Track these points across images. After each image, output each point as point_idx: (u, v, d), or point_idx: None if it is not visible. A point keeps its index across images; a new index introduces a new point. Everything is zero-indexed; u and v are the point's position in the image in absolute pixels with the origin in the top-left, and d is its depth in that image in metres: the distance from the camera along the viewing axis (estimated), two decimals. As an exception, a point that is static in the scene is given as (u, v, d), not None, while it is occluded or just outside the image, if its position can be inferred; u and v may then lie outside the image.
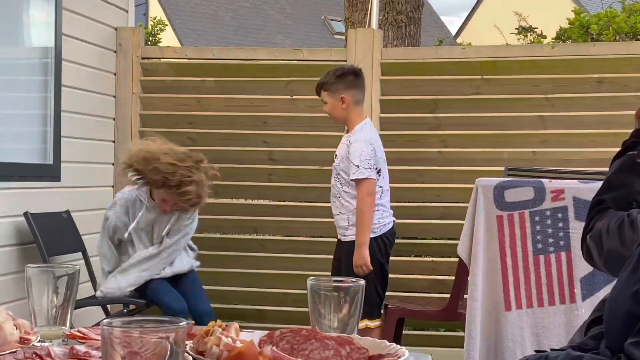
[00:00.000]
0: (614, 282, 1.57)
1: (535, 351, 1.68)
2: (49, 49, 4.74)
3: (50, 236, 4.46)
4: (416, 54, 5.62)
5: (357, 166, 4.08)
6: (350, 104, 4.22)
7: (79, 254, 4.82)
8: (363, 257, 4.04)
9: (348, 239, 4.17)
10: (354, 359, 1.27)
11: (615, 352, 1.44)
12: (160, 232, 4.38)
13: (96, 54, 5.21)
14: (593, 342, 1.69)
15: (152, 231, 4.40)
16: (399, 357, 1.25)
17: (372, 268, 4.05)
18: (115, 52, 5.42)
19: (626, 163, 1.92)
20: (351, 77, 4.26)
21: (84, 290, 4.59)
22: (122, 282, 4.29)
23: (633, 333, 1.37)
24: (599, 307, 1.82)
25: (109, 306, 4.77)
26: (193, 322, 4.24)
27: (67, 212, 4.78)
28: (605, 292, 3.25)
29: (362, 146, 4.12)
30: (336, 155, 4.27)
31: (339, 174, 4.21)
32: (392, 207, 4.82)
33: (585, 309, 3.34)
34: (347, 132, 4.30)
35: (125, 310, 4.70)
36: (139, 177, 4.23)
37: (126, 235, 4.32)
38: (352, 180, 4.10)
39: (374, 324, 4.14)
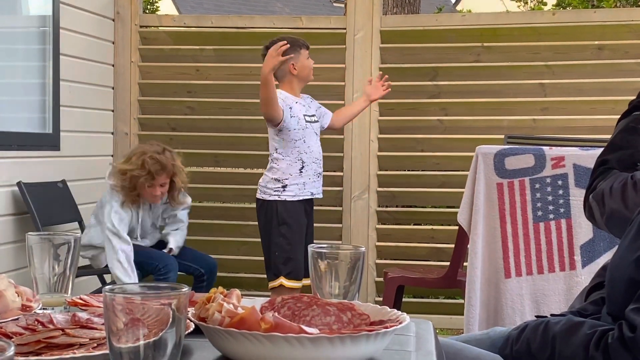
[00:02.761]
0: (614, 249, 1.57)
1: (536, 316, 1.69)
2: (46, 17, 4.71)
3: (45, 206, 4.45)
4: (416, 21, 5.59)
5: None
6: None
7: (75, 224, 4.82)
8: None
9: None
10: (355, 325, 1.28)
11: (616, 318, 1.44)
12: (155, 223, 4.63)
13: (94, 22, 5.18)
14: (593, 307, 1.70)
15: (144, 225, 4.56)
16: (400, 323, 1.25)
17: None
18: (113, 20, 5.39)
19: (631, 123, 1.90)
20: None
21: (81, 260, 4.60)
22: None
23: (634, 299, 1.38)
24: (599, 274, 1.82)
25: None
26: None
27: (64, 181, 4.77)
28: (605, 259, 3.25)
29: None
30: (314, 115, 4.41)
31: (321, 132, 4.48)
32: (392, 175, 4.83)
33: (585, 276, 3.34)
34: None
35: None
36: (120, 188, 4.36)
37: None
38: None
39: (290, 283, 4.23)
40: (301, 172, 4.24)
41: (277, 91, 4.23)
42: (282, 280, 4.20)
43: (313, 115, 4.37)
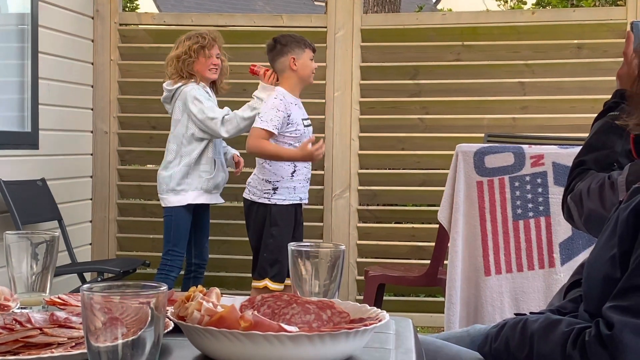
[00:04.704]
0: (593, 247, 1.58)
1: (515, 314, 1.70)
2: (25, 15, 4.67)
3: (24, 204, 4.42)
4: (396, 20, 5.60)
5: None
6: None
7: (55, 223, 4.79)
8: None
9: None
10: (335, 323, 1.28)
11: (593, 315, 1.45)
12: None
13: (73, 20, 5.15)
14: (572, 305, 1.71)
15: None
16: (380, 321, 1.25)
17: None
18: (92, 18, 5.36)
19: (607, 124, 1.92)
20: None
21: (61, 258, 4.58)
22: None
23: (611, 297, 1.39)
24: (577, 271, 1.84)
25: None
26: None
27: (43, 180, 4.74)
28: (583, 256, 3.27)
29: None
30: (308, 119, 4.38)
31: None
32: (373, 174, 4.84)
33: (564, 274, 3.37)
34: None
35: (100, 279, 4.70)
36: (182, 75, 4.43)
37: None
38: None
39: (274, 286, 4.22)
40: (292, 175, 4.24)
41: (277, 89, 4.22)
42: (267, 282, 4.19)
43: (308, 119, 4.35)
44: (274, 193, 4.21)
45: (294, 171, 4.22)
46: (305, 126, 4.26)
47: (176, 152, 4.42)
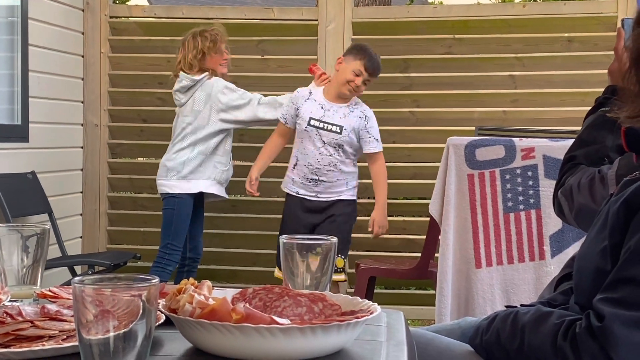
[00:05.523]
0: (583, 239, 1.59)
1: (506, 306, 1.70)
2: (14, 7, 4.65)
3: (15, 197, 4.41)
4: (387, 13, 5.60)
5: (377, 140, 4.28)
6: None
7: (45, 216, 4.78)
8: (386, 216, 4.33)
9: (345, 197, 4.29)
10: (327, 316, 1.28)
11: (584, 307, 1.46)
12: None
13: (63, 12, 5.12)
14: (562, 297, 1.72)
15: None
16: (372, 313, 1.25)
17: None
18: (82, 10, 5.34)
19: (598, 119, 1.93)
20: None
21: (51, 252, 4.57)
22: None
23: (601, 289, 1.39)
24: (568, 264, 1.84)
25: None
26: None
27: (33, 173, 4.73)
28: (574, 249, 3.29)
29: (375, 120, 4.31)
30: (343, 127, 4.21)
31: (342, 146, 4.22)
32: (363, 167, 4.80)
33: (554, 266, 3.38)
34: (344, 103, 4.27)
35: (90, 272, 4.69)
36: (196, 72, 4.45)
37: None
38: (372, 153, 4.28)
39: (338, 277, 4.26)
40: (294, 168, 4.28)
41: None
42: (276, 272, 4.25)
43: (328, 123, 4.22)
44: (286, 181, 4.34)
45: (296, 164, 4.28)
46: (310, 125, 4.20)
47: (192, 140, 4.42)
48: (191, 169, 4.39)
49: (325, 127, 4.22)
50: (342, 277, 4.28)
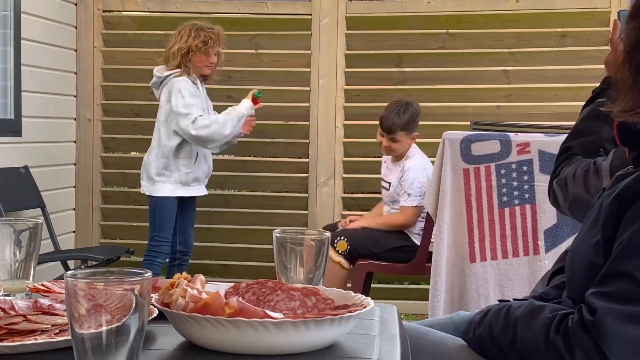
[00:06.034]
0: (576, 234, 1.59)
1: (499, 301, 1.70)
2: (7, 1, 4.63)
3: (7, 192, 4.40)
4: (381, 7, 5.59)
5: (408, 194, 4.22)
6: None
7: (38, 210, 4.77)
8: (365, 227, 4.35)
9: None
10: (320, 310, 1.28)
11: (576, 302, 1.46)
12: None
13: (56, 6, 5.11)
14: (555, 291, 1.72)
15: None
16: (365, 307, 1.25)
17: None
18: (75, 4, 5.32)
19: (594, 110, 1.94)
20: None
21: (44, 246, 4.56)
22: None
23: (593, 283, 1.39)
24: (561, 258, 1.84)
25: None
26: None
27: (26, 167, 4.72)
28: (568, 244, 3.29)
29: (416, 174, 4.23)
30: (390, 183, 4.35)
31: (394, 201, 4.32)
32: (357, 162, 4.83)
33: (548, 261, 3.38)
34: (397, 161, 4.35)
35: (83, 266, 4.69)
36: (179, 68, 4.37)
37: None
38: (402, 206, 4.24)
39: None
40: None
41: None
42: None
43: (385, 182, 4.46)
44: None
45: None
46: (382, 186, 4.41)
47: (157, 141, 4.39)
48: (157, 171, 4.35)
49: (385, 186, 4.40)
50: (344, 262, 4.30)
